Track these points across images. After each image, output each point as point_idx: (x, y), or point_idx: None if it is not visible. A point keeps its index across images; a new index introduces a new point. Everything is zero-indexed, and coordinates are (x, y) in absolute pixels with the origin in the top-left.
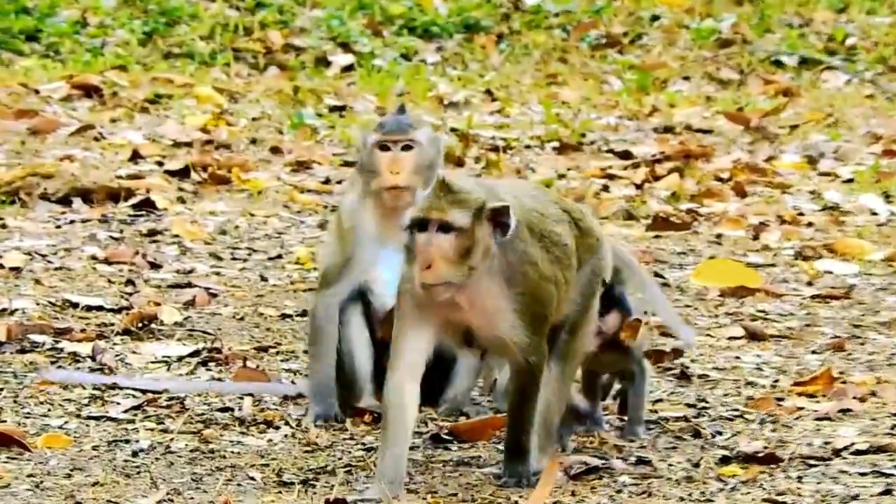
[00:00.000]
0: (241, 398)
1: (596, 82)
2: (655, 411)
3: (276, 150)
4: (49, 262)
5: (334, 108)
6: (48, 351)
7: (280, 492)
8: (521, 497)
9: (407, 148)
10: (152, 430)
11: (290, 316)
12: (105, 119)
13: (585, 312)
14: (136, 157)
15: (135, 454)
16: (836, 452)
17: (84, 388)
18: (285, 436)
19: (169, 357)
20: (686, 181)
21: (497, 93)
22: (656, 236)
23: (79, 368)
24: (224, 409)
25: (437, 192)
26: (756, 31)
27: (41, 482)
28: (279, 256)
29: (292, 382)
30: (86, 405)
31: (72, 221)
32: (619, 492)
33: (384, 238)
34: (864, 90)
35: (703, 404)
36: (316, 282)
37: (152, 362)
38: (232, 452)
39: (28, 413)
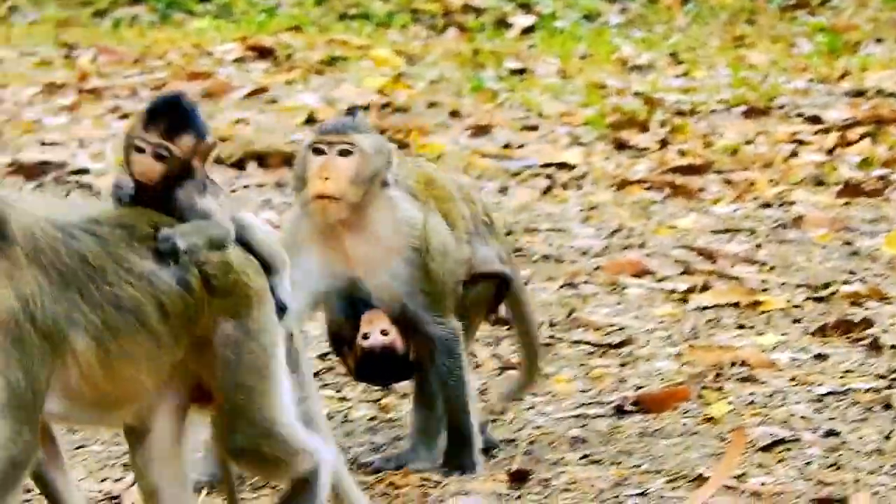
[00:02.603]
0: None
1: (785, 45)
2: (845, 382)
3: (455, 114)
4: None
5: (515, 70)
6: None
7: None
8: (707, 468)
9: (345, 153)
10: (331, 398)
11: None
12: (280, 81)
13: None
14: (311, 120)
15: None
16: None
17: None
18: None
19: None
20: (878, 147)
21: (683, 55)
22: (846, 203)
23: None
24: None
25: None
26: None
27: None
28: None
29: (472, 354)
30: None
31: (246, 186)
32: (807, 464)
33: (324, 261)
34: None
35: (894, 375)
36: None
37: None
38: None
39: None
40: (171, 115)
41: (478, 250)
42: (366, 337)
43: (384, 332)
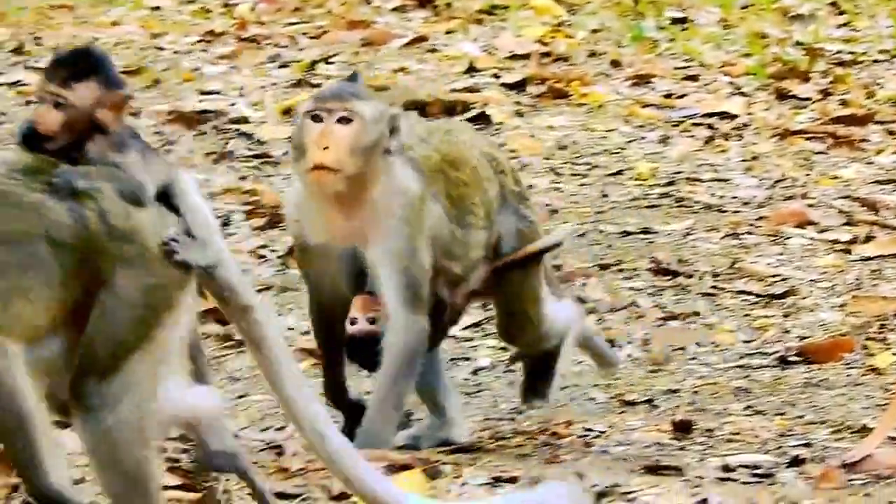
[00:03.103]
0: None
1: None
2: None
3: (615, 63)
4: None
5: (676, 20)
6: None
7: (623, 412)
8: (872, 419)
9: (344, 121)
10: (492, 347)
11: (631, 233)
12: (439, 30)
13: (124, 350)
14: (471, 69)
15: (475, 372)
16: None
17: None
18: (629, 355)
19: None
20: None
21: (844, 5)
22: None
23: None
24: None
25: None
26: None
27: None
28: (619, 172)
29: (635, 303)
30: None
31: None
32: None
33: (323, 230)
34: None
35: None
36: None
37: None
38: (573, 372)
39: None
40: (72, 65)
41: (504, 226)
42: (353, 322)
43: (371, 321)
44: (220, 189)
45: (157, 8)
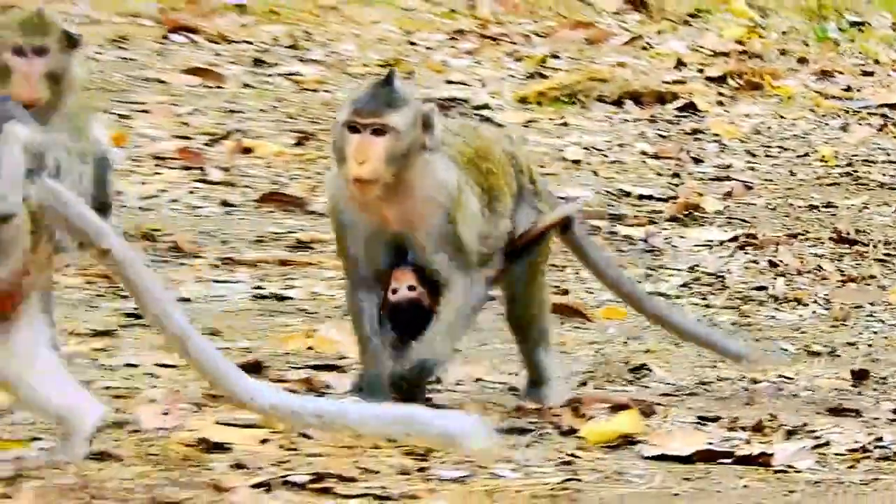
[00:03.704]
0: (775, 278)
1: None
2: None
3: (802, 61)
4: (605, 156)
5: (854, 23)
6: (604, 235)
7: (808, 361)
8: None
9: (378, 132)
10: (697, 305)
11: (816, 207)
12: (652, 31)
13: None
14: (679, 64)
15: None
16: None
17: (637, 267)
18: (813, 312)
19: (711, 241)
20: None
21: None
22: None
23: (631, 251)
24: (760, 288)
25: None
26: None
27: (601, 349)
28: (806, 154)
29: (819, 267)
30: (641, 281)
31: (624, 121)
32: None
33: (365, 219)
34: None
35: None
36: None
37: (696, 245)
38: (767, 325)
39: (589, 288)
40: None
41: (521, 219)
42: (394, 292)
43: (411, 288)
44: None
45: (412, 9)
